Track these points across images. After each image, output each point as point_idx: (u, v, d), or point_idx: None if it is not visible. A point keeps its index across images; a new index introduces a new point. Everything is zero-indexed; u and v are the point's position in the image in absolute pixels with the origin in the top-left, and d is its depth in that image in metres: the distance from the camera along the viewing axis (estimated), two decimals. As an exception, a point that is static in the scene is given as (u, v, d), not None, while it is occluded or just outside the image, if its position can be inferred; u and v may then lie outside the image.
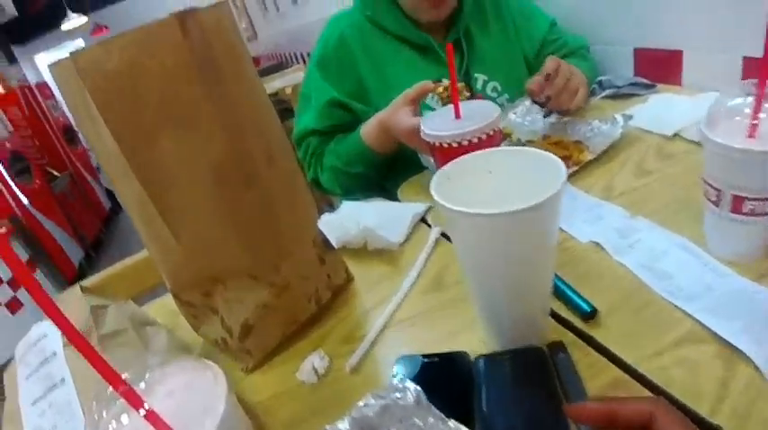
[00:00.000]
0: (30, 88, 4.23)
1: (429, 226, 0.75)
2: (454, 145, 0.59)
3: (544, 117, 0.91)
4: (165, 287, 0.57)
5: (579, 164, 0.79)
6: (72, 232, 3.61)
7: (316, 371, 0.54)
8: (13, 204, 2.99)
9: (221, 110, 0.47)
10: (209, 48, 0.46)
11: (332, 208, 0.83)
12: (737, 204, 0.51)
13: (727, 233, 0.55)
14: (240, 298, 0.55)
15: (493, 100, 1.04)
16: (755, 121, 0.48)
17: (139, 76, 0.43)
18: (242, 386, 0.57)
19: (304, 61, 3.94)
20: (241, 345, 0.57)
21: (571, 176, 0.78)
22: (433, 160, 0.70)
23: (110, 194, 4.78)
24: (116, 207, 4.78)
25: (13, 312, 2.59)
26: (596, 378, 0.46)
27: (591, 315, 0.51)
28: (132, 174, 0.45)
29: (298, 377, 0.55)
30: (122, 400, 0.34)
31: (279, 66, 4.30)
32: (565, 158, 0.78)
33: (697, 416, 0.40)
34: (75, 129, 4.68)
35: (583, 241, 0.63)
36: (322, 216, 0.78)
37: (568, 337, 0.51)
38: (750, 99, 0.49)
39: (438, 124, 0.62)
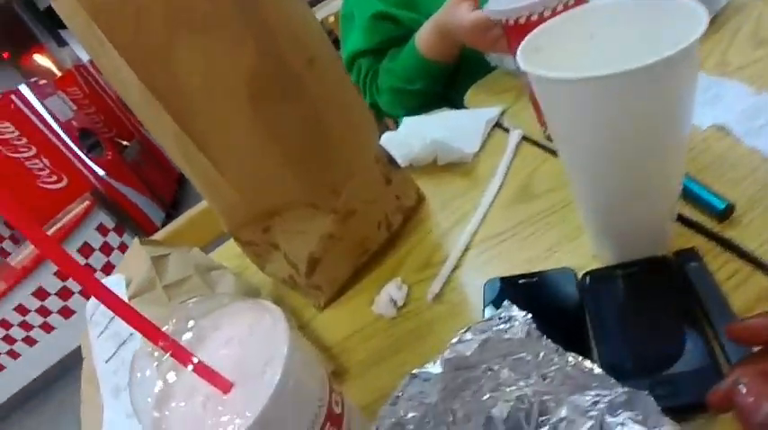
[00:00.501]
0: (84, 67, 4.31)
1: (506, 130, 0.65)
2: (534, 18, 0.47)
3: None
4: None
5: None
6: (150, 195, 3.75)
7: (394, 302, 0.48)
8: (92, 178, 3.11)
9: (245, 8, 0.39)
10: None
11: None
12: None
13: None
14: (301, 229, 0.49)
15: None
16: None
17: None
18: (315, 325, 0.52)
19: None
20: (310, 281, 0.51)
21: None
22: (505, 55, 0.60)
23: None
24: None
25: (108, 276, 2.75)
26: (740, 289, 0.37)
27: (726, 213, 0.41)
28: (154, 100, 0.39)
29: (374, 310, 0.49)
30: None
31: None
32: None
33: None
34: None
35: (703, 127, 0.51)
36: (383, 135, 0.70)
37: (700, 242, 0.41)
38: None
39: (507, 2, 0.51)
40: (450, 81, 0.88)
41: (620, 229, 0.40)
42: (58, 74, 4.02)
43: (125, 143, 4.10)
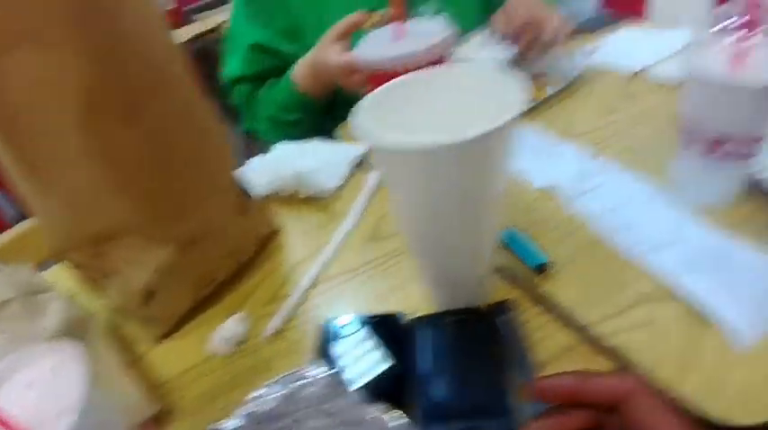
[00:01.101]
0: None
1: (366, 170, 0.67)
2: (396, 70, 0.49)
3: (511, 63, 0.81)
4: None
5: (537, 100, 0.71)
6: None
7: (232, 338, 0.47)
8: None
9: (87, 25, 0.36)
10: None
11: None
12: (714, 145, 0.45)
13: (699, 178, 0.49)
14: (138, 257, 0.46)
15: None
16: (742, 51, 0.41)
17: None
18: (151, 357, 0.49)
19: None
20: (146, 311, 0.48)
21: (527, 113, 0.70)
22: None
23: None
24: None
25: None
26: (546, 342, 0.41)
27: (542, 268, 0.45)
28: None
29: (208, 348, 0.47)
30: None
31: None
32: (522, 94, 0.71)
33: (656, 385, 0.35)
34: None
35: (537, 186, 0.56)
36: (252, 159, 0.69)
37: (518, 294, 0.44)
38: (732, 27, 0.42)
39: (376, 48, 0.53)
40: (327, 113, 0.89)
41: (444, 281, 0.42)
42: None
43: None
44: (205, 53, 3.15)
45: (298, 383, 0.31)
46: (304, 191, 0.62)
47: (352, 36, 0.71)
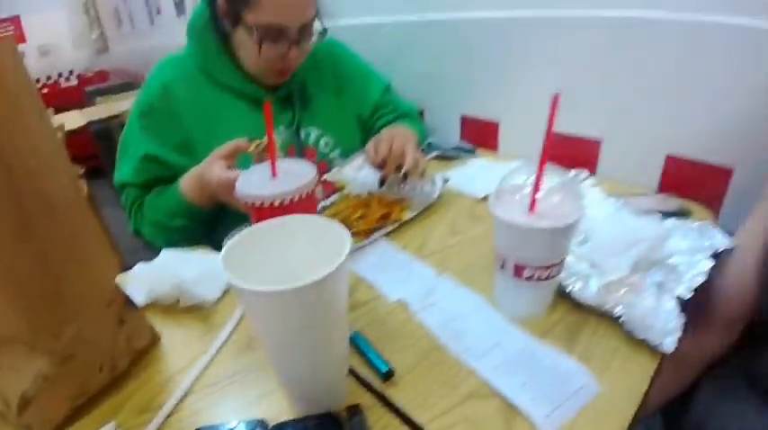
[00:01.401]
0: None
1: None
2: (267, 205, 0.59)
3: (380, 185, 0.95)
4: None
5: (398, 221, 0.84)
6: None
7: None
8: None
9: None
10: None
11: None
12: (519, 271, 0.58)
13: (513, 295, 0.61)
14: (16, 366, 0.48)
15: (326, 155, 1.08)
16: (534, 199, 0.56)
17: None
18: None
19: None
20: (21, 420, 0.49)
21: (390, 233, 0.83)
22: None
23: None
24: None
25: None
26: (390, 439, 0.48)
27: (388, 375, 0.54)
28: None
29: (78, 459, 0.49)
30: None
31: (128, 85, 4.08)
32: (385, 216, 0.84)
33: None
34: None
35: (391, 299, 0.66)
36: (135, 266, 0.73)
37: (367, 398, 0.52)
38: (532, 178, 0.56)
39: (254, 183, 0.62)
40: (213, 222, 0.95)
41: (301, 389, 0.49)
42: None
43: None
44: (106, 135, 3.11)
45: None
46: (185, 302, 0.66)
47: (236, 157, 0.80)
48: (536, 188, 0.55)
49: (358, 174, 1.00)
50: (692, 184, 0.92)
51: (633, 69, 0.92)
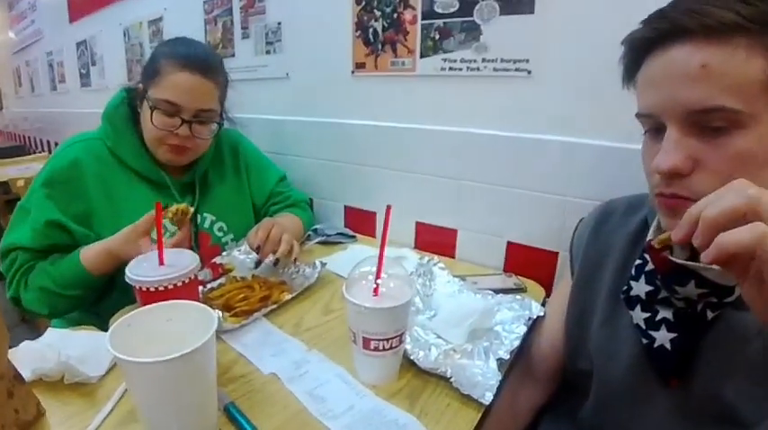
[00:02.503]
0: None
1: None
2: (154, 289, 0.68)
3: (255, 266, 1.07)
4: None
5: (278, 302, 0.95)
6: None
7: None
8: None
9: None
10: None
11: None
12: (366, 343, 0.70)
13: (365, 364, 0.74)
14: None
15: (219, 239, 1.18)
16: (377, 285, 0.70)
17: None
18: None
19: (49, 151, 3.66)
20: None
21: (270, 313, 0.93)
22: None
23: None
24: None
25: None
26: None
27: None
28: None
29: None
30: None
31: (19, 148, 3.91)
32: (266, 298, 0.94)
33: None
34: None
35: (266, 372, 0.76)
36: (22, 343, 0.76)
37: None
38: (373, 270, 0.70)
39: (143, 269, 0.71)
40: (102, 294, 1.01)
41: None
42: None
43: None
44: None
45: None
46: (69, 377, 0.71)
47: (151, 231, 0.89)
48: (377, 275, 0.70)
49: (244, 257, 1.11)
50: (528, 265, 1.12)
51: (478, 173, 1.15)
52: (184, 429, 0.55)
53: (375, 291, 0.70)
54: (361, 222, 1.43)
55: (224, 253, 1.13)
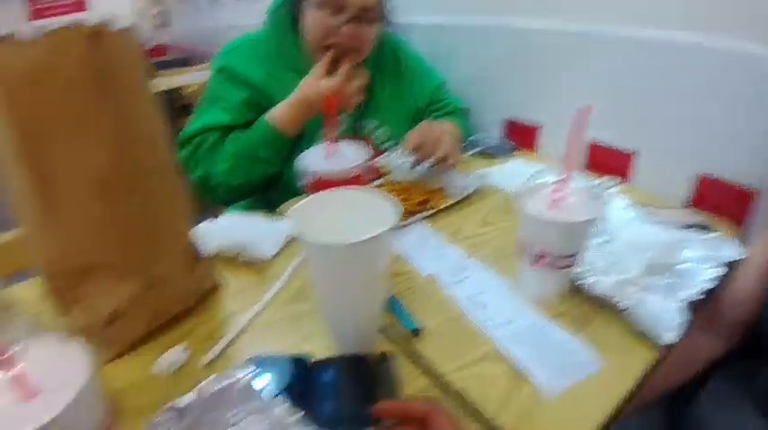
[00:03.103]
0: None
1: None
2: (324, 179, 0.68)
3: (411, 167, 1.04)
4: (33, 270, 0.59)
5: (436, 208, 0.92)
6: None
7: (173, 364, 0.59)
8: None
9: (114, 122, 0.52)
10: (112, 64, 0.51)
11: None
12: (538, 258, 0.65)
13: (532, 279, 0.69)
14: (109, 290, 0.59)
15: (380, 144, 1.17)
16: (556, 198, 0.63)
17: (44, 80, 0.47)
18: (102, 372, 0.60)
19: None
20: (104, 335, 0.60)
21: (428, 218, 0.91)
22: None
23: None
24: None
25: None
26: (411, 384, 0.57)
27: (416, 333, 0.63)
28: (24, 164, 0.49)
29: (154, 369, 0.59)
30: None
31: (186, 60, 4.21)
32: (424, 202, 0.92)
33: (482, 416, 0.52)
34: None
35: (424, 274, 0.75)
36: (202, 223, 0.83)
37: (395, 349, 0.61)
38: (557, 179, 0.64)
39: (312, 159, 0.72)
40: (282, 167, 1.05)
41: (342, 334, 0.59)
42: None
43: None
44: (164, 106, 3.23)
45: (227, 381, 0.45)
46: (244, 256, 0.77)
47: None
48: (560, 188, 0.63)
49: (402, 161, 1.09)
50: (719, 203, 0.96)
51: (669, 89, 0.97)
52: (354, 313, 0.55)
53: (554, 203, 0.63)
54: (521, 136, 1.33)
55: (381, 156, 1.12)
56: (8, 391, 0.37)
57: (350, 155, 0.72)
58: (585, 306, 0.69)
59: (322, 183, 0.69)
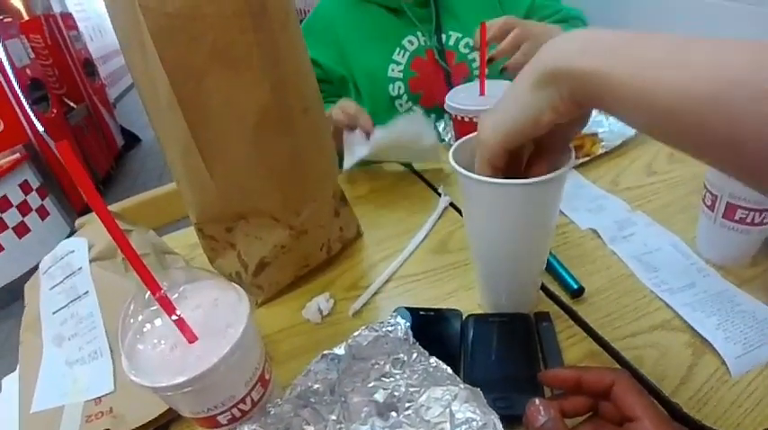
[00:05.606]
0: (53, 17, 4.15)
1: (440, 195, 0.79)
2: (468, 119, 0.62)
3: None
4: (182, 222, 0.61)
5: (590, 155, 0.82)
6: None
7: (321, 311, 0.59)
8: (29, 131, 2.99)
9: (268, 59, 0.50)
10: (264, -1, 0.49)
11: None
12: (731, 211, 0.54)
13: (718, 238, 0.58)
14: (260, 236, 0.59)
15: (465, 56, 1.06)
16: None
17: (198, 19, 0.46)
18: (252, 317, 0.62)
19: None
20: (254, 281, 0.61)
21: (581, 166, 0.81)
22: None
23: (124, 132, 4.77)
24: (129, 144, 4.77)
25: (20, 236, 2.65)
26: (574, 348, 0.51)
27: (578, 292, 0.56)
28: (178, 108, 0.49)
29: (303, 315, 0.59)
30: (154, 308, 0.39)
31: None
32: (577, 148, 0.82)
33: (659, 394, 0.45)
34: (95, 63, 4.65)
35: (582, 228, 0.67)
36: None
37: (555, 310, 0.55)
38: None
39: (462, 99, 0.66)
40: None
41: (498, 289, 0.54)
42: (26, 17, 3.88)
43: (72, 104, 3.96)
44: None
45: (383, 329, 0.43)
46: (404, 154, 0.73)
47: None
48: None
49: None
50: None
51: None
52: (518, 266, 0.50)
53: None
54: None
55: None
56: (171, 336, 0.38)
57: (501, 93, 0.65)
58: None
59: (468, 125, 0.64)
